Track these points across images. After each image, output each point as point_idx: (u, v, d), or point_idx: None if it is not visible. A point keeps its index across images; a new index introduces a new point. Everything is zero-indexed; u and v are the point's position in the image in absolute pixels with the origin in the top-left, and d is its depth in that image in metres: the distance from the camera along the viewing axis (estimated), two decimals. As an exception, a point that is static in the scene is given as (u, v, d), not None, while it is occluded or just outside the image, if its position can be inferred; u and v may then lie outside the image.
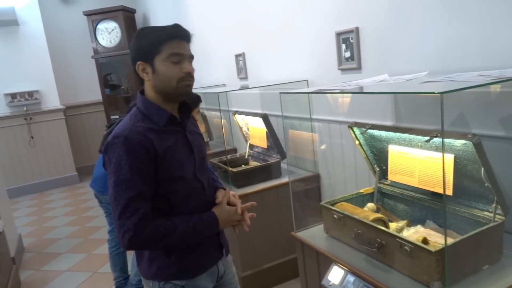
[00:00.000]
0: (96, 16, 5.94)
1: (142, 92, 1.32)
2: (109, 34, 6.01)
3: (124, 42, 5.91)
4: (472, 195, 1.49)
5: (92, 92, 6.57)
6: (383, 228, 1.47)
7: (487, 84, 1.09)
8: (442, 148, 1.32)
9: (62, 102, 6.20)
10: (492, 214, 1.40)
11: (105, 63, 6.10)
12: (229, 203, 1.43)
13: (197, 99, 2.60)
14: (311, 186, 2.67)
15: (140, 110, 1.28)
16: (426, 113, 1.79)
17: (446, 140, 1.46)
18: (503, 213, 1.38)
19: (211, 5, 3.87)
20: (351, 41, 2.18)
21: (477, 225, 1.44)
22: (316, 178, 2.68)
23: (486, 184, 1.39)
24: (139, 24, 6.51)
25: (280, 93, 1.79)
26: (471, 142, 1.30)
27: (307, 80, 2.59)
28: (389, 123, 1.99)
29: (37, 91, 5.91)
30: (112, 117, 6.11)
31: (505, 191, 1.49)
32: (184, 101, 1.35)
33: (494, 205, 1.39)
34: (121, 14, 5.89)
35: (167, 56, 1.22)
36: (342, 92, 1.89)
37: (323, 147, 2.62)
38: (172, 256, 1.31)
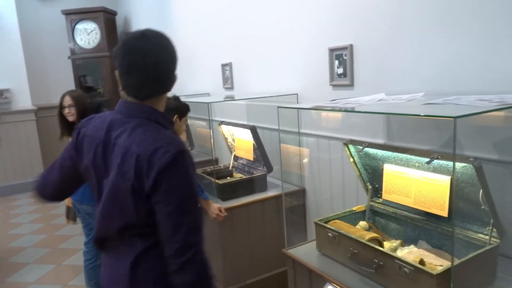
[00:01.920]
0: (75, 15, 5.77)
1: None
2: (88, 35, 5.84)
3: (103, 44, 5.76)
4: (467, 217, 1.50)
5: (67, 93, 6.34)
6: (381, 248, 1.46)
7: (500, 109, 1.10)
8: (453, 171, 1.32)
9: (34, 102, 5.95)
10: (487, 237, 1.41)
11: (82, 64, 5.92)
12: None
13: (185, 108, 2.54)
14: (297, 201, 2.65)
15: (160, 124, 1.21)
16: (420, 133, 1.80)
17: (444, 162, 1.47)
18: (498, 236, 1.40)
19: (199, 13, 3.82)
20: (345, 57, 2.18)
21: (471, 247, 1.44)
22: (302, 192, 2.66)
23: (482, 207, 1.40)
24: (120, 27, 6.37)
25: (278, 107, 1.76)
26: (472, 165, 1.31)
27: (297, 94, 2.58)
28: (380, 141, 1.99)
29: (7, 90, 5.64)
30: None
31: (499, 214, 1.51)
32: None
33: (490, 227, 1.40)
34: (101, 15, 5.75)
35: None
36: (346, 111, 1.88)
37: (305, 160, 2.61)
38: None
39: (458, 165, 1.39)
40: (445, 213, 1.51)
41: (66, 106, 2.55)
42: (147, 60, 1.12)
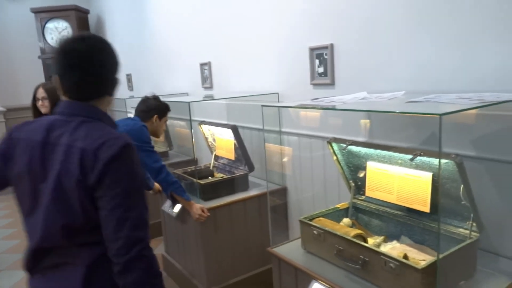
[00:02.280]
0: (45, 14, 5.60)
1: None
2: (59, 34, 5.68)
3: (75, 43, 5.60)
4: (448, 213, 1.54)
5: (37, 94, 6.14)
6: (366, 244, 1.48)
7: (483, 106, 1.14)
8: (439, 167, 1.35)
9: (3, 104, 5.73)
10: (467, 231, 1.46)
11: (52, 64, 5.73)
12: None
13: (165, 108, 2.51)
14: (279, 199, 2.66)
15: (104, 123, 1.18)
16: (401, 131, 1.84)
17: (426, 159, 1.51)
18: (477, 231, 1.44)
19: (177, 11, 3.77)
20: (325, 57, 2.20)
21: (452, 242, 1.49)
22: (284, 191, 2.67)
23: (463, 202, 1.44)
24: (93, 26, 6.22)
25: (262, 105, 1.76)
26: (453, 162, 1.35)
27: (277, 93, 2.58)
28: (361, 139, 2.02)
29: (-26, 91, 5.42)
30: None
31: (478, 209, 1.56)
32: None
33: (470, 222, 1.45)
34: (73, 13, 5.60)
35: None
36: (330, 109, 1.90)
37: (285, 159, 2.62)
38: None
39: (441, 161, 1.42)
40: (427, 209, 1.54)
41: (39, 98, 2.55)
42: (84, 61, 1.12)
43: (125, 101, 4.03)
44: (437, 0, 1.62)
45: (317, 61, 2.27)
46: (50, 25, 5.67)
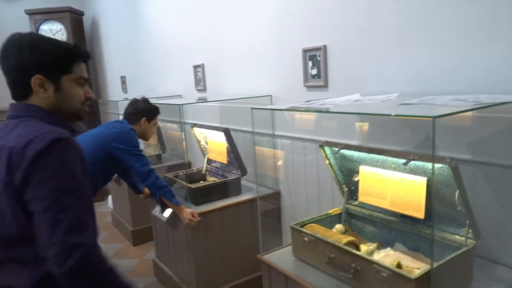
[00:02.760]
0: (39, 15, 5.55)
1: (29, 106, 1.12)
2: (54, 36, 5.62)
3: (70, 45, 5.55)
4: (443, 219, 1.48)
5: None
6: (358, 253, 1.42)
7: (478, 108, 1.09)
8: (433, 171, 1.30)
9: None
10: (463, 238, 1.40)
11: (47, 66, 5.68)
12: None
13: (155, 110, 2.45)
14: (272, 204, 2.60)
15: (45, 122, 1.08)
16: (395, 134, 1.79)
17: (420, 163, 1.45)
18: (474, 237, 1.39)
19: (171, 13, 3.73)
20: (318, 58, 2.16)
21: (447, 249, 1.43)
22: (277, 195, 2.61)
23: (458, 208, 1.39)
24: (87, 28, 6.18)
25: (252, 108, 1.71)
26: (448, 166, 1.29)
27: (270, 96, 2.53)
28: (354, 142, 1.97)
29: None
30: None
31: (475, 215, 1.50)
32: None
33: (466, 229, 1.39)
34: (68, 15, 5.55)
35: (76, 78, 1.13)
36: (323, 112, 1.85)
37: (279, 162, 2.56)
38: None
39: (435, 166, 1.37)
40: (421, 215, 1.49)
41: None
42: (8, 61, 1.10)
43: (117, 103, 3.98)
44: (432, 1, 1.57)
45: (310, 63, 2.22)
46: (45, 27, 5.62)
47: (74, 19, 5.71)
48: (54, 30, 5.63)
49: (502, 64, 1.39)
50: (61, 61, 1.10)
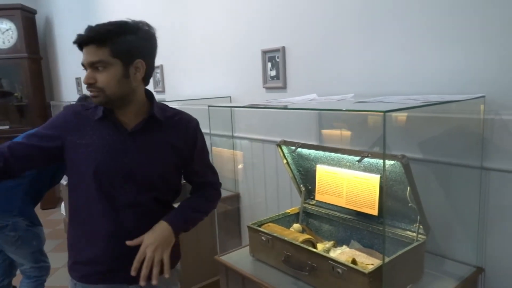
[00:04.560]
0: (-13, 12, 5.24)
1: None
2: (3, 34, 5.33)
3: (20, 44, 5.28)
4: (395, 215, 1.52)
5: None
6: (314, 250, 1.43)
7: (426, 105, 1.12)
8: (383, 168, 1.33)
9: None
10: (414, 234, 1.44)
11: (-5, 66, 5.37)
12: None
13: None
14: (231, 206, 2.57)
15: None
16: (350, 132, 1.83)
17: (374, 160, 1.48)
18: (424, 233, 1.43)
19: (127, 13, 3.63)
20: (277, 60, 2.17)
21: (399, 245, 1.47)
22: (236, 198, 2.59)
23: (410, 204, 1.43)
24: (40, 27, 5.91)
25: (209, 106, 1.69)
26: (400, 163, 1.33)
27: (230, 97, 2.52)
28: (313, 142, 1.99)
29: None
30: (0, 127, 5.37)
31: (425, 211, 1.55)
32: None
33: (417, 224, 1.43)
34: (19, 13, 5.27)
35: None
36: (281, 108, 1.85)
37: (240, 166, 2.55)
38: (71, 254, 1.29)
39: (387, 163, 1.40)
40: (375, 212, 1.52)
41: None
42: None
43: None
44: (386, 5, 1.63)
45: (269, 64, 2.23)
46: (-7, 24, 5.32)
47: (26, 17, 5.44)
48: (4, 29, 5.33)
49: (452, 65, 1.46)
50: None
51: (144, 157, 1.23)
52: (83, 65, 1.16)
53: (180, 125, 1.34)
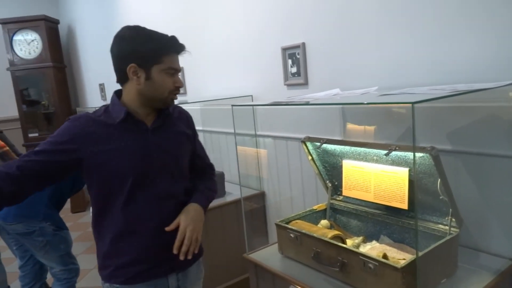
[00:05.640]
0: (13, 25, 5.41)
1: (118, 92, 1.34)
2: (28, 45, 5.49)
3: (45, 54, 5.43)
4: (426, 209, 1.49)
5: (6, 107, 5.90)
6: (344, 245, 1.41)
7: (455, 95, 1.10)
8: (414, 161, 1.30)
9: (-30, 117, 5.50)
10: (447, 227, 1.41)
11: (22, 76, 5.54)
12: None
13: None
14: (257, 204, 2.58)
15: (106, 106, 1.33)
16: (376, 127, 1.80)
17: (401, 153, 1.46)
18: (457, 226, 1.40)
19: (147, 18, 3.69)
20: (298, 56, 2.16)
21: (431, 238, 1.44)
22: (262, 196, 2.59)
23: (441, 197, 1.40)
24: (63, 36, 6.07)
25: (232, 105, 1.69)
26: (429, 155, 1.30)
27: (251, 96, 2.52)
28: (337, 137, 1.97)
29: None
30: (30, 135, 5.54)
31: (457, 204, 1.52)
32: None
33: (449, 217, 1.40)
34: (43, 24, 5.42)
35: (166, 69, 1.26)
36: (303, 104, 1.84)
37: (262, 162, 2.55)
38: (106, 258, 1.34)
39: (416, 155, 1.37)
40: (405, 206, 1.49)
41: None
42: (113, 50, 1.34)
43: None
44: (407, -7, 1.59)
45: (289, 61, 2.22)
46: (19, 36, 5.48)
47: (50, 27, 5.59)
48: (29, 40, 5.50)
49: (478, 54, 1.42)
50: (152, 52, 1.23)
51: (171, 149, 1.34)
52: (175, 69, 1.29)
53: (182, 116, 1.47)
